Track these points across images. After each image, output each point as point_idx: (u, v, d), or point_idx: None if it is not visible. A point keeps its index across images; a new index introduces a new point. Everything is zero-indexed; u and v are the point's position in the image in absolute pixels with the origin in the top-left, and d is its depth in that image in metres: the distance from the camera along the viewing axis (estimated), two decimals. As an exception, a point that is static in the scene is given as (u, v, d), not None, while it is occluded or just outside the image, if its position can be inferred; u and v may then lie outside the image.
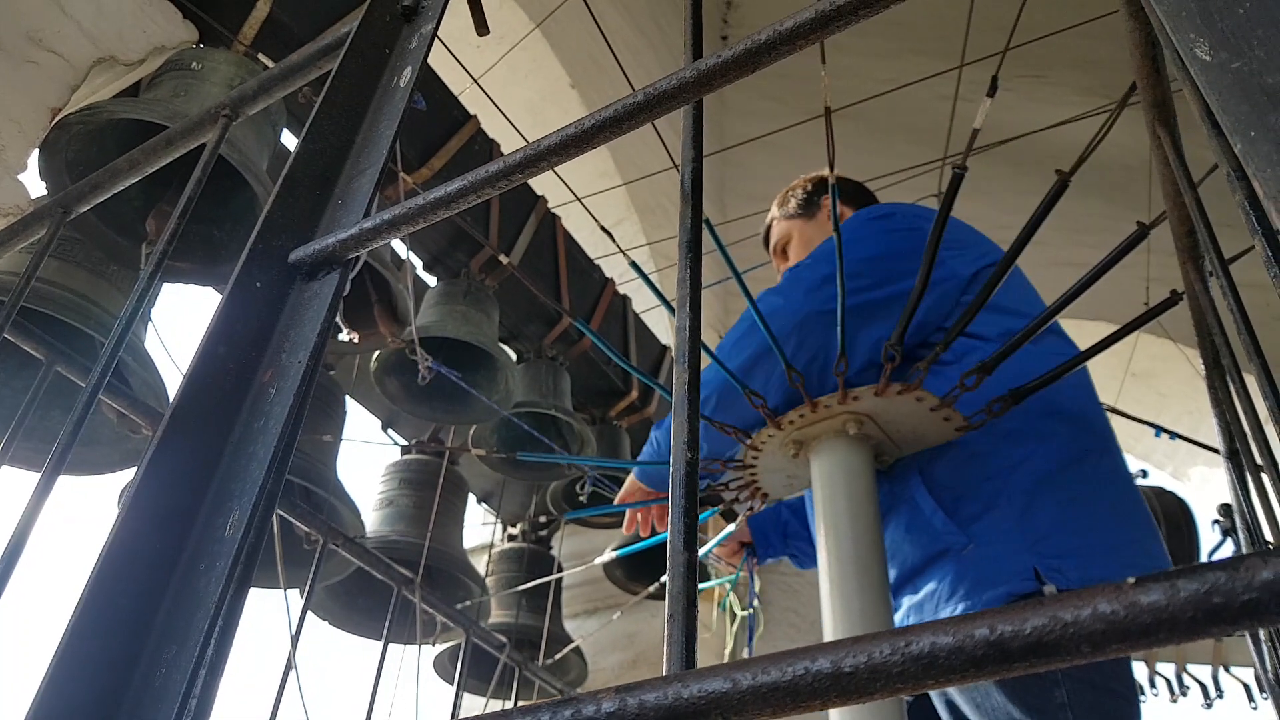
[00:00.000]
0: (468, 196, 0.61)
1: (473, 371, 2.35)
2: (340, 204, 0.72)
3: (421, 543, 2.39)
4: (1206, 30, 0.40)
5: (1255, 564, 0.25)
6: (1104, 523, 1.47)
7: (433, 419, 2.49)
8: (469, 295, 2.32)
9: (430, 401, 2.37)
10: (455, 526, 2.70)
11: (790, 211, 2.12)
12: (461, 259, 2.46)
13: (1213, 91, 0.38)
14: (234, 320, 0.62)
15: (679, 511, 0.47)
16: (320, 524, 1.84)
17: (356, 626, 2.62)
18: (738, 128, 5.37)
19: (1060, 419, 1.58)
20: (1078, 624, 0.25)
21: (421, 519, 2.53)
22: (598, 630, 3.11)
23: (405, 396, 2.34)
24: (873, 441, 1.64)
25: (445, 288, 2.38)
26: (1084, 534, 1.45)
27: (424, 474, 2.67)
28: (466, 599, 2.62)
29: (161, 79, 1.76)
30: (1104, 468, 1.55)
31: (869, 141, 5.18)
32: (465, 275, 2.40)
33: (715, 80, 0.55)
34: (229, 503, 0.55)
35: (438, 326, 2.19)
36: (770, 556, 2.10)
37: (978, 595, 1.45)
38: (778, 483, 1.80)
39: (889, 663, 0.27)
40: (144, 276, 0.99)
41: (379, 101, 0.81)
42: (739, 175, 5.32)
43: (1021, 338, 1.50)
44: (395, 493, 2.64)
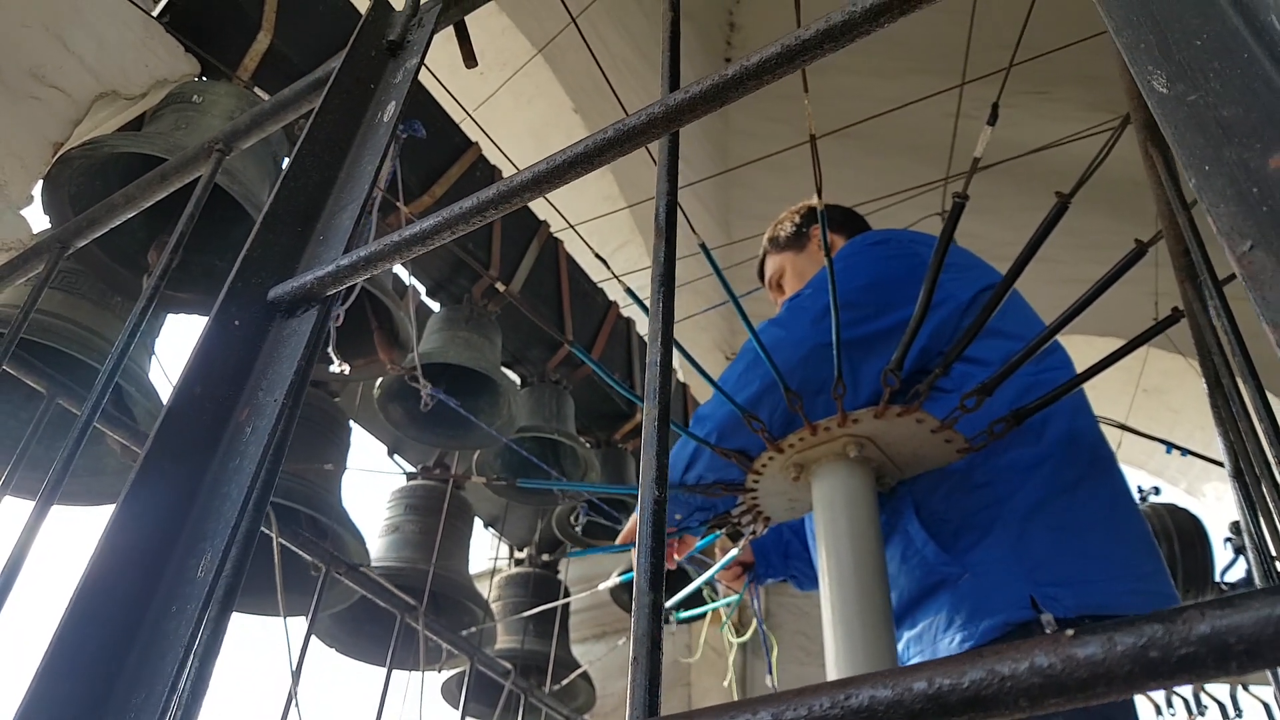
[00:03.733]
0: (443, 233, 0.61)
1: (475, 397, 2.35)
2: (322, 240, 0.73)
3: (426, 569, 2.39)
4: (1164, 62, 0.40)
5: (1193, 617, 0.24)
6: (1101, 549, 1.46)
7: (437, 445, 2.49)
8: (471, 321, 2.32)
9: (434, 427, 2.37)
10: (461, 552, 2.69)
11: (781, 244, 2.11)
12: (464, 285, 2.47)
13: (1169, 124, 0.38)
14: (211, 359, 0.62)
15: (645, 551, 0.46)
16: (322, 552, 1.84)
17: (363, 653, 2.61)
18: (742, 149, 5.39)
19: (1056, 444, 1.57)
20: (1015, 678, 0.25)
21: (427, 545, 2.53)
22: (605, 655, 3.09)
23: (409, 422, 2.34)
24: (873, 464, 1.63)
25: (448, 313, 2.38)
26: (1081, 561, 1.43)
27: (429, 500, 2.67)
28: (472, 624, 2.61)
29: (163, 112, 1.78)
30: (1101, 492, 1.54)
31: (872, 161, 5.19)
32: (468, 301, 2.41)
33: (684, 115, 0.55)
34: (202, 543, 0.55)
35: (440, 353, 2.20)
36: (771, 577, 2.08)
37: (974, 625, 1.43)
38: (779, 506, 1.78)
39: (828, 716, 0.27)
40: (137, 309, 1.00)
41: (363, 136, 0.81)
42: (744, 196, 5.33)
43: (1021, 358, 1.49)
44: (401, 519, 2.64)
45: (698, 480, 1.73)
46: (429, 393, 2.01)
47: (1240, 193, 0.34)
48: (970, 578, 1.52)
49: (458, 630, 2.64)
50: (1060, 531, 1.49)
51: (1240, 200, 0.34)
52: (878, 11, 0.49)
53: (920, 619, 1.59)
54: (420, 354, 2.13)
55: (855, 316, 1.62)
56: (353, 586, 1.93)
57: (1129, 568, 1.49)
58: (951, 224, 1.44)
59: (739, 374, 1.71)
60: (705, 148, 5.56)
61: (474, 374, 2.31)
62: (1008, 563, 1.48)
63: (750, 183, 5.23)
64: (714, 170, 5.24)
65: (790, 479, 1.68)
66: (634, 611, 0.45)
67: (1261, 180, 0.34)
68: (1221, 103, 0.37)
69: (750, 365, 1.71)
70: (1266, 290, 0.31)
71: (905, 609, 1.61)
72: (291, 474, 2.03)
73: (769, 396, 1.63)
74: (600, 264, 3.95)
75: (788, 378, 1.58)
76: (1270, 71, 0.36)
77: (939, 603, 1.55)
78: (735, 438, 1.66)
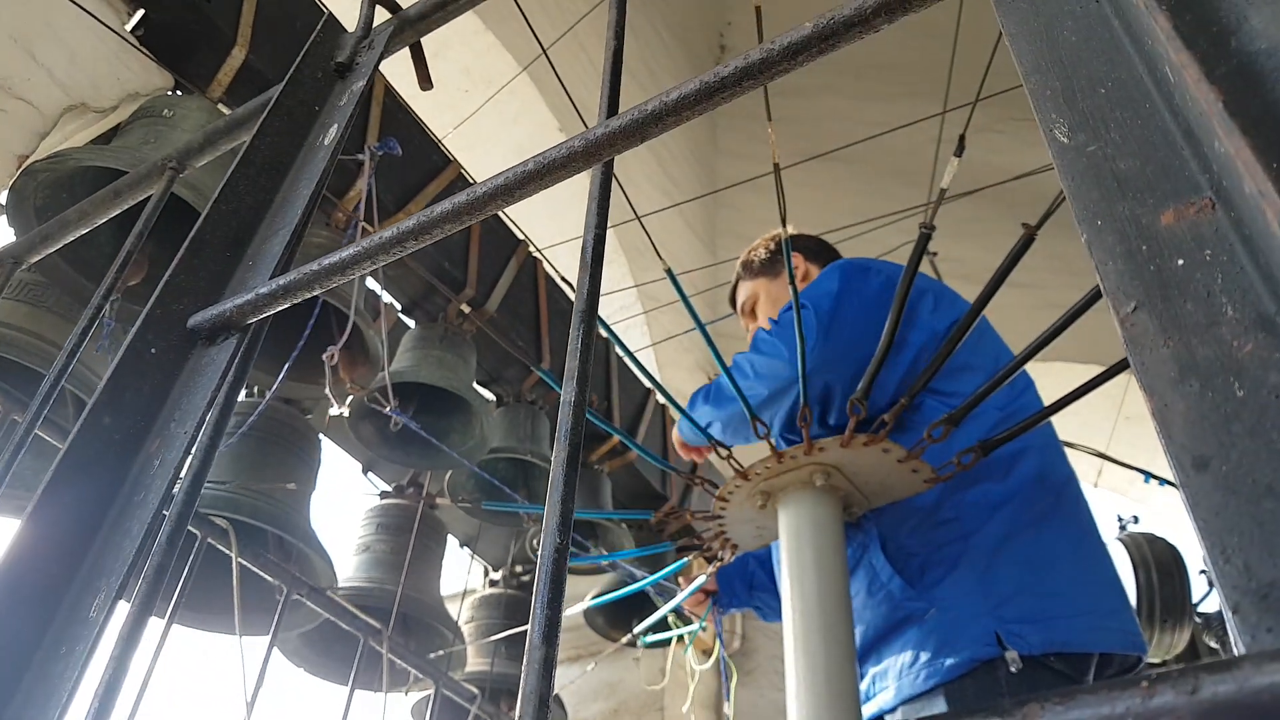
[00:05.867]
0: (363, 263, 0.60)
1: (448, 416, 2.33)
2: (251, 265, 0.71)
3: (395, 589, 2.36)
4: (1068, 110, 0.39)
5: (1033, 710, 0.23)
6: (1067, 586, 1.45)
7: (408, 464, 2.47)
8: (445, 340, 2.31)
9: (405, 447, 2.35)
10: (432, 572, 2.66)
11: (755, 270, 2.11)
12: (440, 303, 2.45)
13: (1066, 175, 0.37)
14: (123, 389, 0.60)
15: (542, 604, 0.45)
16: (284, 574, 1.81)
17: (331, 673, 2.57)
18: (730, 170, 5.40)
19: (1025, 481, 1.56)
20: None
21: (397, 565, 2.50)
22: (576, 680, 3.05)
23: (380, 442, 2.31)
24: (841, 493, 1.61)
25: (421, 332, 2.37)
26: (1046, 598, 1.42)
27: (401, 519, 2.64)
28: (443, 647, 2.58)
29: (132, 126, 1.77)
30: (1069, 529, 1.53)
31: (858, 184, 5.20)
32: (442, 320, 2.39)
33: (603, 150, 0.54)
34: (98, 581, 0.53)
35: (411, 372, 2.18)
36: (735, 606, 2.06)
37: (939, 661, 1.42)
38: (746, 534, 1.77)
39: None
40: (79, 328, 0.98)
41: (303, 159, 0.80)
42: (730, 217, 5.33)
43: (987, 389, 1.48)
44: (372, 538, 2.61)
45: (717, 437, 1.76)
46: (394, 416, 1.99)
47: (1129, 250, 0.33)
48: (936, 613, 1.50)
49: (427, 652, 2.61)
50: (1026, 568, 1.48)
51: (1129, 258, 0.32)
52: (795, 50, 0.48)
53: (885, 654, 1.57)
54: (391, 373, 2.11)
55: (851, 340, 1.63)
56: (314, 608, 1.90)
57: (1094, 604, 1.48)
58: (917, 254, 1.43)
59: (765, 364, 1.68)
60: (693, 168, 5.56)
61: (447, 393, 2.29)
62: (974, 599, 1.47)
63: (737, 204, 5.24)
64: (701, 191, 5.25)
65: (757, 506, 1.66)
66: (524, 667, 0.44)
67: (1151, 237, 0.33)
68: (1120, 154, 0.36)
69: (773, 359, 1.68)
70: (1146, 355, 0.30)
71: (870, 644, 1.59)
72: (258, 492, 2.00)
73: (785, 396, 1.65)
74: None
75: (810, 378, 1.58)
76: (1169, 123, 0.35)
77: (905, 638, 1.54)
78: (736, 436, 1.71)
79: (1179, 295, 0.30)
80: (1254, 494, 0.25)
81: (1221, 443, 0.27)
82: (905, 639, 1.52)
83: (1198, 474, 0.27)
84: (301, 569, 2.06)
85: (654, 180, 4.89)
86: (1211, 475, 0.26)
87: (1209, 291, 0.30)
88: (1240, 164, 0.29)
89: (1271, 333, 0.28)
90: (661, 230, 4.55)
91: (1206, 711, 0.21)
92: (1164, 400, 0.28)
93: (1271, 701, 0.21)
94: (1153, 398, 0.29)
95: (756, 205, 5.36)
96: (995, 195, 3.31)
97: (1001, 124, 5.26)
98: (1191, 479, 0.27)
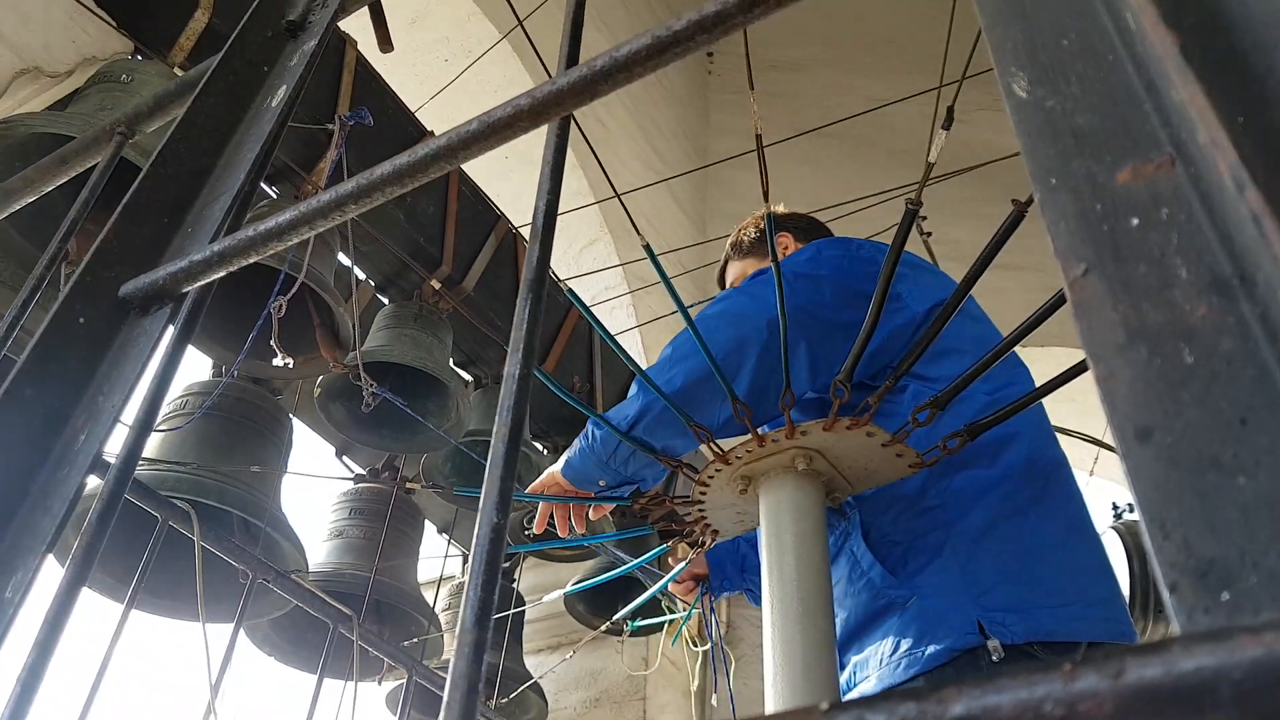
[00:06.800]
0: (300, 227, 0.58)
1: (423, 398, 2.32)
2: (190, 233, 0.69)
3: (368, 576, 2.35)
4: (1028, 64, 0.38)
5: (949, 696, 0.22)
6: (1053, 574, 1.44)
7: (382, 447, 2.46)
8: (420, 319, 2.29)
9: (379, 429, 2.34)
10: (408, 559, 2.66)
11: (744, 250, 2.10)
12: (415, 281, 2.44)
13: (1022, 131, 0.36)
14: (48, 360, 0.59)
15: (475, 586, 0.44)
16: (250, 558, 1.80)
17: (302, 662, 2.57)
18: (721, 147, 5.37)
19: (1013, 467, 1.55)
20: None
21: (371, 551, 2.49)
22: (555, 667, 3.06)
23: (352, 424, 2.30)
24: (823, 478, 1.61)
25: (395, 310, 2.35)
26: (1031, 586, 1.42)
27: (376, 503, 2.63)
28: (419, 634, 2.57)
29: (89, 92, 1.74)
30: (1056, 515, 1.52)
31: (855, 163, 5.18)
32: (417, 298, 2.38)
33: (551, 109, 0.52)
34: (15, 560, 0.52)
35: (384, 351, 2.16)
36: (726, 590, 2.06)
37: (919, 650, 1.42)
38: (727, 519, 1.76)
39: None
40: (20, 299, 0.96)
41: (249, 122, 0.78)
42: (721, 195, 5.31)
43: (975, 372, 1.47)
44: (345, 523, 2.60)
45: (639, 441, 1.60)
46: (371, 391, 1.98)
47: (1082, 210, 0.31)
48: (918, 601, 1.50)
49: (403, 640, 2.60)
50: (1010, 555, 1.48)
51: (1081, 218, 0.31)
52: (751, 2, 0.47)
53: (867, 643, 1.57)
54: (364, 352, 2.10)
55: (821, 299, 1.59)
56: (282, 594, 1.89)
57: (1081, 593, 1.48)
58: (903, 232, 1.42)
59: (712, 322, 1.59)
60: (683, 145, 5.54)
61: (422, 374, 2.28)
62: (956, 587, 1.46)
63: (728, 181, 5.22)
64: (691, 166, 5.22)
65: (738, 491, 1.65)
66: (455, 650, 0.42)
67: (1106, 195, 0.31)
68: (1079, 109, 0.34)
69: (723, 314, 1.61)
70: (1093, 320, 0.29)
71: (851, 633, 1.59)
72: (223, 475, 1.99)
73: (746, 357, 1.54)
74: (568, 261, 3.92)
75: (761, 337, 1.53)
76: (1132, 76, 0.34)
77: (885, 627, 1.53)
78: (701, 398, 1.57)
79: (1132, 257, 0.29)
80: (1197, 466, 0.24)
81: (1166, 412, 0.26)
82: (886, 627, 1.52)
83: (1140, 445, 0.26)
84: (269, 554, 2.05)
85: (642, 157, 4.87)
86: (1154, 446, 0.25)
87: (1163, 253, 0.29)
88: (1194, 111, 0.28)
89: (1226, 295, 0.27)
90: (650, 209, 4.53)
91: (1131, 697, 0.20)
92: (1109, 368, 0.27)
93: (1199, 686, 0.20)
94: (1098, 365, 0.28)
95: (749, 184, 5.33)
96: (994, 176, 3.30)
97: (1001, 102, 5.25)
98: (1133, 450, 0.26)
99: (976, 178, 3.37)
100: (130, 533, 1.93)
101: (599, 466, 1.67)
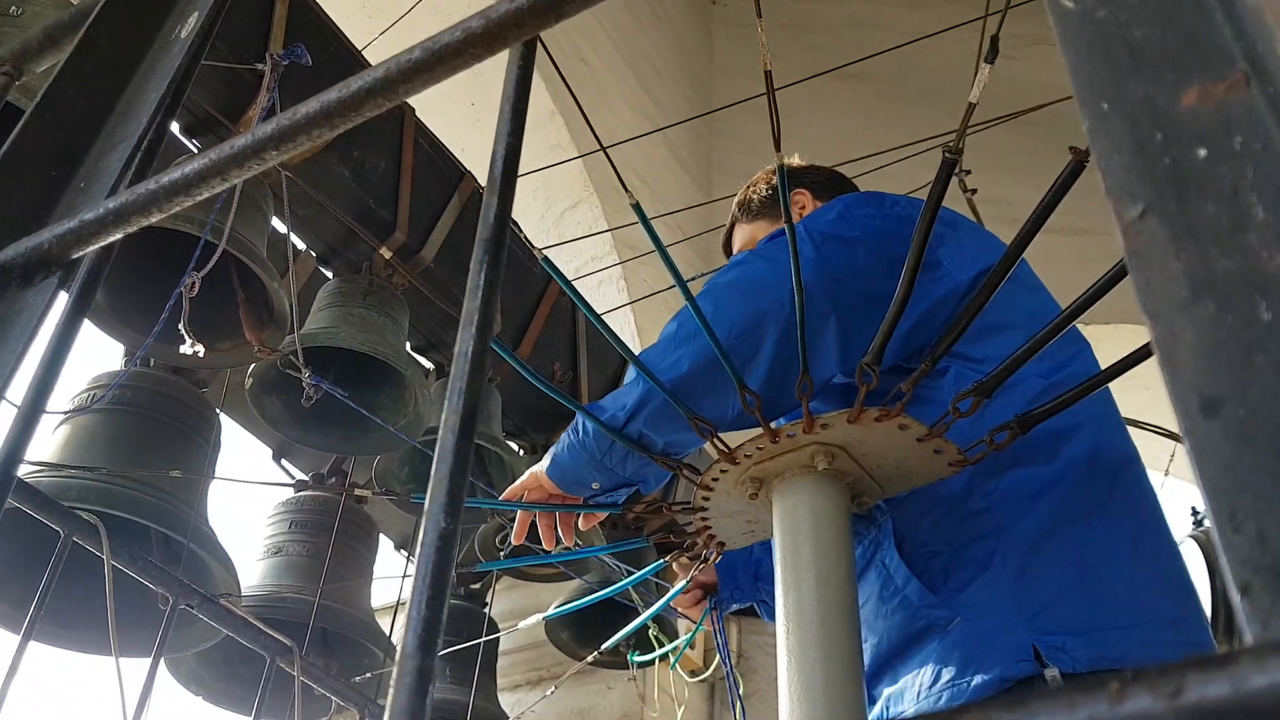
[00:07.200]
0: (211, 179, 0.58)
1: (374, 390, 2.31)
2: (83, 188, 0.69)
3: (312, 600, 2.35)
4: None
5: None
6: (1120, 590, 1.44)
7: (326, 448, 2.45)
8: (370, 295, 2.29)
9: (323, 427, 2.34)
10: (359, 579, 2.66)
11: (754, 210, 2.09)
12: (364, 251, 2.43)
13: (1069, 48, 0.35)
14: (-90, 339, 0.58)
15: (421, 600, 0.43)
16: (170, 581, 1.80)
17: (236, 702, 2.57)
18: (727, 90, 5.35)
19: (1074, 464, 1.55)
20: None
21: (315, 571, 2.49)
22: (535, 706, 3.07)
23: (291, 420, 2.30)
24: (848, 480, 1.61)
25: (340, 285, 2.34)
26: (1095, 604, 1.42)
27: (321, 515, 2.63)
28: (372, 669, 2.58)
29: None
30: (1123, 522, 1.52)
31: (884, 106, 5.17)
32: (367, 271, 2.37)
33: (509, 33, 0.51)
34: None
35: (327, 334, 2.16)
36: (737, 602, 2.05)
37: (964, 680, 1.42)
38: (735, 529, 1.76)
39: None
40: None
41: (154, 56, 0.77)
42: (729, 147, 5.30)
43: (1026, 352, 1.47)
44: (284, 538, 2.60)
45: (639, 436, 1.60)
46: (311, 381, 1.97)
47: (1140, 140, 0.31)
48: (962, 623, 1.50)
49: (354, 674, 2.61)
50: (1071, 568, 1.48)
51: (1138, 150, 0.31)
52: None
53: (902, 673, 1.57)
54: (303, 335, 2.09)
55: (855, 266, 1.58)
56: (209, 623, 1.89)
57: (1154, 612, 1.48)
58: (940, 186, 1.41)
59: (723, 294, 1.58)
60: (683, 89, 5.52)
61: (372, 361, 2.27)
62: (1006, 606, 1.46)
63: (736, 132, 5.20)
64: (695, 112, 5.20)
65: (747, 496, 1.65)
66: (394, 681, 0.42)
67: (1168, 122, 0.31)
68: (1136, 20, 0.34)
69: (737, 285, 1.59)
70: (1151, 271, 0.28)
71: (884, 661, 1.59)
72: (138, 482, 1.98)
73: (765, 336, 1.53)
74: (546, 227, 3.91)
75: (784, 312, 1.51)
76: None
77: (924, 653, 1.54)
78: (713, 386, 1.55)
79: (1198, 194, 0.29)
80: (1276, 443, 0.24)
81: (1239, 380, 0.25)
82: (925, 654, 1.52)
83: (1206, 420, 0.25)
84: (194, 575, 2.04)
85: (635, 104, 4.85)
86: (1223, 421, 0.25)
87: (1235, 189, 0.28)
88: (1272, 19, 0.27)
89: (1311, 239, 0.26)
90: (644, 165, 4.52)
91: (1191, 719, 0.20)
92: (1170, 327, 0.27)
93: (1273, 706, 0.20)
94: (1157, 325, 0.27)
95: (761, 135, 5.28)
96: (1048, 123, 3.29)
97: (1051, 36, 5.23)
98: (1198, 426, 0.25)
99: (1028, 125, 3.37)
100: (27, 550, 1.93)
101: (592, 466, 1.66)
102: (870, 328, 1.55)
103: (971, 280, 1.65)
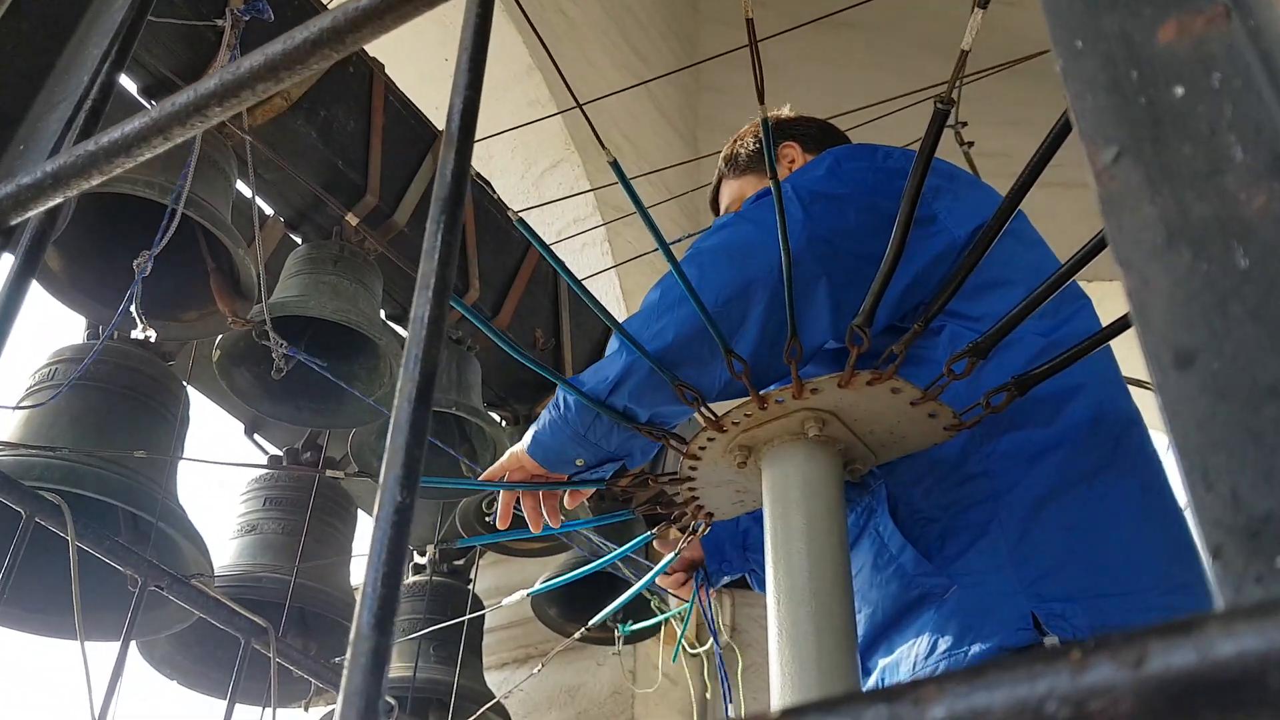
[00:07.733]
0: (153, 138, 0.57)
1: (348, 361, 2.30)
2: (22, 150, 0.68)
3: (288, 579, 2.35)
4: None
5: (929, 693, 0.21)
6: (1124, 555, 1.45)
7: (300, 422, 2.45)
8: (341, 262, 2.27)
9: (294, 399, 2.33)
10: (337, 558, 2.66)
11: (741, 166, 2.08)
12: (335, 215, 2.41)
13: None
14: None
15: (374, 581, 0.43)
16: (138, 561, 1.80)
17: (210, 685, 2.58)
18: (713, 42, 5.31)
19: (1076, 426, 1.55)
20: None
21: (291, 549, 2.50)
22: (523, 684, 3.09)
23: (260, 393, 2.29)
24: (840, 446, 1.61)
25: (310, 252, 2.33)
26: (1097, 570, 1.42)
27: (296, 491, 2.63)
28: (352, 649, 2.58)
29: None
30: (1128, 484, 1.53)
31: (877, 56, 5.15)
32: (338, 237, 2.35)
33: None
34: None
35: (297, 303, 2.15)
36: (726, 574, 2.06)
37: (961, 649, 1.42)
38: (724, 499, 1.77)
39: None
40: None
41: (95, 11, 0.76)
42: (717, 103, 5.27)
43: (1024, 309, 1.47)
44: (258, 516, 2.60)
45: (623, 409, 1.59)
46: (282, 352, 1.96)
47: (1115, 79, 0.30)
48: (959, 591, 1.51)
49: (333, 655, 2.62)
50: (1072, 533, 1.48)
51: (1113, 89, 0.30)
52: None
53: (897, 644, 1.58)
54: (272, 304, 2.08)
55: (845, 225, 1.57)
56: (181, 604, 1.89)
57: (1159, 578, 1.48)
58: (932, 137, 1.40)
59: (708, 258, 1.58)
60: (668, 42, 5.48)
61: (346, 330, 2.26)
62: (1005, 572, 1.47)
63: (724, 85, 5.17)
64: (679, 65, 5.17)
65: (735, 465, 1.65)
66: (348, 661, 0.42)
67: (1145, 59, 0.30)
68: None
69: (723, 248, 1.58)
70: (1125, 217, 0.28)
71: (878, 632, 1.60)
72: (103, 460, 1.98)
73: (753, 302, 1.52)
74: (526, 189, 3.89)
75: (773, 278, 1.50)
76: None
77: (920, 623, 1.54)
78: (699, 355, 1.54)
79: (1175, 136, 0.28)
80: (1251, 398, 0.23)
81: (1213, 331, 0.25)
82: (921, 624, 1.53)
83: (1179, 373, 0.25)
84: (164, 555, 2.05)
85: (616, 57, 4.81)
86: (1197, 374, 0.24)
87: (1213, 129, 0.28)
88: (1252, -55, 0.26)
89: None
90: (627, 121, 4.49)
91: (1154, 690, 0.20)
92: (1143, 276, 0.26)
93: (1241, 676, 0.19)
94: (1130, 273, 0.27)
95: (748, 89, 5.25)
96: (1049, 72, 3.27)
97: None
98: (1170, 380, 0.25)
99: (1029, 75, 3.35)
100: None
101: (575, 441, 1.64)
102: (864, 289, 1.55)
103: (969, 235, 1.64)
